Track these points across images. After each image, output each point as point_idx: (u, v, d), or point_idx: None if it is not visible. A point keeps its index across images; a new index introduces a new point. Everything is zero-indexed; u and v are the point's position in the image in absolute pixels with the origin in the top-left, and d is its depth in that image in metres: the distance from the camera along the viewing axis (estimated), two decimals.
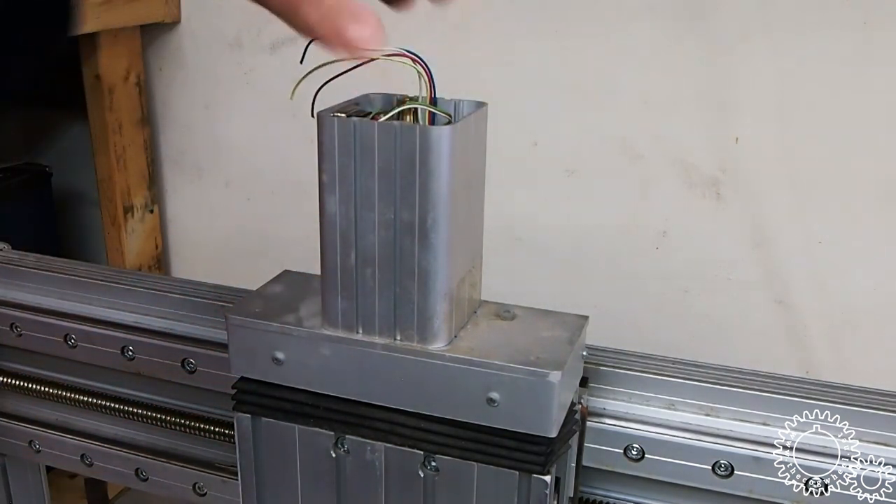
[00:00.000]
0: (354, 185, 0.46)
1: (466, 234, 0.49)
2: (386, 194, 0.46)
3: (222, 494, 0.74)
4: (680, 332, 1.07)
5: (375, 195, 0.46)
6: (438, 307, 0.47)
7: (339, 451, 0.53)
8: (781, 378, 0.57)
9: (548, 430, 0.48)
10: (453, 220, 0.46)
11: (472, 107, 0.49)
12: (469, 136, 0.47)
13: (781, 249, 1.01)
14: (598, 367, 0.59)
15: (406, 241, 0.46)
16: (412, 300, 0.47)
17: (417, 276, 0.47)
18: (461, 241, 0.48)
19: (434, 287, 0.47)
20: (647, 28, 0.99)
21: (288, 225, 1.24)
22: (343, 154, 0.46)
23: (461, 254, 0.48)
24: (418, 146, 0.44)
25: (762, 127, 0.98)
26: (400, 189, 0.46)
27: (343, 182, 0.47)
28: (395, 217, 0.46)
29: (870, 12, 0.90)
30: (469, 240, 0.50)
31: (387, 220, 0.46)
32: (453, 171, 0.45)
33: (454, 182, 0.45)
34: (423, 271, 0.47)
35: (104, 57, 1.18)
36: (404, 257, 0.47)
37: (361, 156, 0.46)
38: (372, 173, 0.46)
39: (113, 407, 0.75)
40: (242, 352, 0.53)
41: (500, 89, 1.06)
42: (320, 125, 0.46)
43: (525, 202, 1.10)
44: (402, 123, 0.46)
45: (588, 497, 0.61)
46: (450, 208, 0.45)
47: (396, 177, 0.45)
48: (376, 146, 0.45)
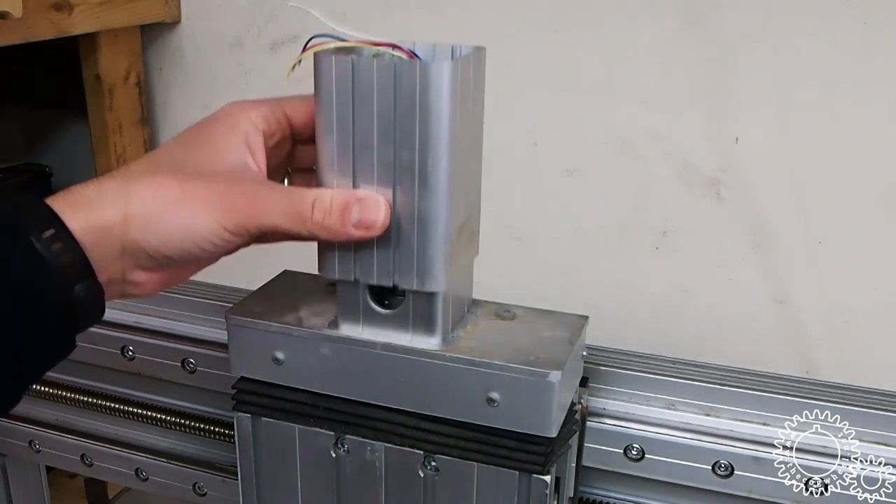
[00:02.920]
0: (352, 126, 0.45)
1: (466, 179, 0.48)
2: (384, 135, 0.45)
3: (222, 494, 0.74)
4: (680, 332, 1.07)
5: (374, 136, 0.45)
6: (438, 251, 0.46)
7: (339, 451, 0.53)
8: (781, 378, 0.57)
9: (548, 430, 0.48)
10: (453, 161, 0.45)
11: (470, 50, 0.47)
12: (469, 76, 0.46)
13: (781, 249, 1.01)
14: (598, 367, 0.59)
15: (405, 182, 0.45)
16: (411, 244, 0.46)
17: (417, 218, 0.46)
18: (461, 184, 0.47)
19: (434, 230, 0.46)
20: (647, 28, 0.99)
21: None
22: (340, 94, 0.45)
23: (461, 197, 0.47)
24: (418, 83, 0.43)
25: (762, 127, 0.98)
26: (399, 129, 0.44)
27: (341, 123, 0.45)
28: (393, 158, 0.45)
29: (870, 13, 0.90)
30: (468, 185, 0.48)
31: (386, 161, 0.45)
32: (453, 109, 0.44)
33: (454, 121, 0.44)
34: (422, 214, 0.45)
35: (104, 57, 1.18)
36: (403, 200, 0.46)
37: (359, 95, 0.45)
38: (370, 113, 0.45)
39: (113, 407, 0.75)
40: (242, 352, 0.53)
41: (499, 89, 1.06)
42: (317, 66, 0.45)
43: (525, 202, 1.10)
44: (401, 60, 0.44)
45: (588, 497, 0.61)
46: (450, 149, 0.44)
47: (395, 116, 0.44)
48: (375, 84, 0.44)
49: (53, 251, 0.40)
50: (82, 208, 0.42)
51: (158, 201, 0.43)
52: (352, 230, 0.45)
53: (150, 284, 0.46)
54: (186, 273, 0.49)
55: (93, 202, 0.42)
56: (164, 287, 0.48)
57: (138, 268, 0.45)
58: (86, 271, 0.42)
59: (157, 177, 0.44)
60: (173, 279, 0.48)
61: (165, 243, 0.43)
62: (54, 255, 0.40)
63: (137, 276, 0.45)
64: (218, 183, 0.44)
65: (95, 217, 0.42)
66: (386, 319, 0.50)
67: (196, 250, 0.44)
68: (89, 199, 0.42)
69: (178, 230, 0.43)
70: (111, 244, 0.43)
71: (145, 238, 0.43)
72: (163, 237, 0.43)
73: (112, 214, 0.42)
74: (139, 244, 0.43)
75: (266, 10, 1.19)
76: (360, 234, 0.45)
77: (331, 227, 0.45)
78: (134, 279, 0.45)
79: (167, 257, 0.44)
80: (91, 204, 0.42)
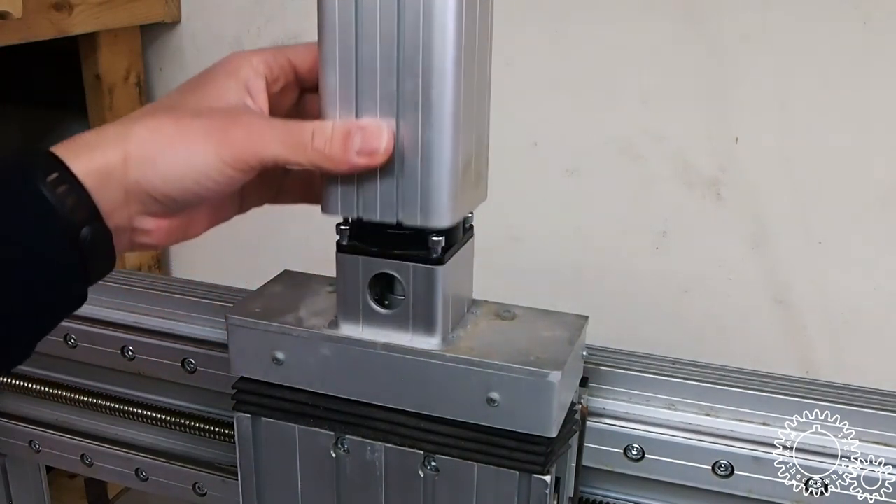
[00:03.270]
0: (355, 55, 0.44)
1: (472, 112, 0.46)
2: (388, 63, 0.44)
3: (222, 494, 0.74)
4: (680, 332, 1.07)
5: (377, 65, 0.44)
6: (443, 183, 0.45)
7: (339, 451, 0.53)
8: (781, 378, 0.57)
9: (548, 430, 0.48)
10: (458, 90, 0.43)
11: None
12: (475, 3, 0.45)
13: (781, 249, 1.01)
14: (598, 367, 0.59)
15: (409, 113, 0.44)
16: (415, 177, 0.45)
17: (421, 150, 0.44)
18: (467, 116, 0.45)
19: (438, 162, 0.44)
20: (648, 28, 0.99)
21: (288, 225, 1.24)
22: (343, 21, 0.44)
23: (466, 130, 0.46)
24: (422, 8, 0.42)
25: (762, 127, 0.98)
26: (402, 56, 0.43)
27: (343, 53, 0.44)
28: (397, 88, 0.44)
29: (870, 12, 0.90)
30: (475, 119, 0.47)
31: (389, 91, 0.44)
32: (459, 35, 0.43)
33: (459, 48, 0.43)
34: (426, 145, 0.44)
35: (104, 57, 1.18)
36: (407, 131, 0.44)
37: (363, 23, 0.44)
38: (374, 41, 0.44)
39: (113, 407, 0.75)
40: (242, 352, 0.53)
41: (499, 89, 1.06)
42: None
43: (525, 202, 1.10)
44: None
45: (588, 497, 0.61)
46: (455, 76, 0.43)
47: (399, 42, 0.43)
48: (378, 10, 0.43)
49: (58, 194, 0.40)
50: (84, 153, 0.42)
51: (156, 140, 0.43)
52: (354, 157, 0.44)
53: (159, 233, 0.46)
54: (196, 223, 0.48)
55: (94, 147, 0.42)
56: (173, 238, 0.47)
57: (145, 213, 0.44)
58: (92, 214, 0.41)
59: (154, 118, 0.44)
60: (182, 229, 0.47)
61: (165, 182, 0.43)
62: (59, 198, 0.40)
63: (145, 223, 0.45)
64: (215, 118, 0.44)
65: (97, 161, 0.42)
66: (386, 319, 0.50)
67: (198, 188, 0.43)
68: (90, 145, 0.42)
69: (177, 167, 0.43)
70: (114, 188, 0.42)
71: (146, 178, 0.42)
72: (162, 176, 0.43)
73: (113, 157, 0.42)
74: (141, 185, 0.43)
75: (266, 10, 1.19)
76: (363, 161, 0.44)
77: (332, 155, 0.44)
78: (142, 226, 0.45)
79: (169, 197, 0.43)
80: (92, 149, 0.42)
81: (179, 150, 0.43)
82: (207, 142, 0.43)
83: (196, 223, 0.48)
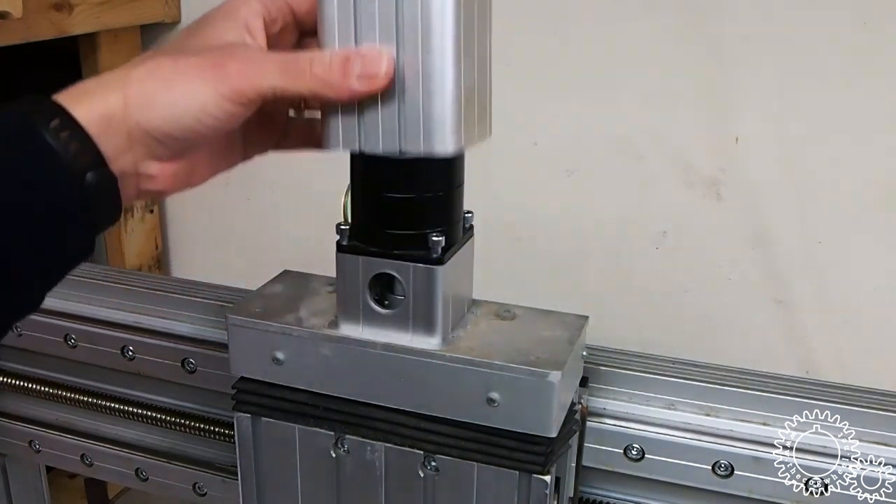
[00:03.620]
0: None
1: (473, 40, 0.46)
2: None
3: (222, 494, 0.74)
4: (680, 332, 1.07)
5: None
6: (445, 109, 0.44)
7: (339, 451, 0.53)
8: (781, 378, 0.57)
9: (548, 430, 0.48)
10: (458, 16, 0.43)
11: None
12: None
13: (781, 249, 1.01)
14: (598, 367, 0.59)
15: (409, 39, 0.44)
16: (417, 103, 0.44)
17: (422, 77, 0.44)
18: (468, 43, 0.45)
19: (440, 87, 0.44)
20: (648, 28, 0.99)
21: (288, 225, 1.24)
22: None
23: (467, 57, 0.45)
24: None
25: (762, 127, 0.98)
26: None
27: None
28: (396, 15, 0.44)
29: (870, 12, 0.90)
30: (476, 48, 0.46)
31: (388, 19, 0.44)
32: None
33: None
34: (427, 71, 0.44)
35: (104, 57, 1.18)
36: (407, 58, 0.44)
37: None
38: None
39: (113, 407, 0.75)
40: (242, 352, 0.53)
41: (499, 89, 1.06)
42: None
43: (525, 202, 1.10)
44: None
45: (588, 497, 0.61)
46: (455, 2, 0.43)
47: None
48: None
49: (62, 139, 0.40)
50: (85, 100, 0.42)
51: (154, 80, 0.43)
52: (354, 83, 0.44)
53: (164, 178, 0.46)
54: (200, 169, 0.48)
55: (94, 93, 0.43)
56: (178, 184, 0.47)
57: (149, 157, 0.44)
58: (96, 159, 0.42)
59: (153, 60, 0.44)
60: (187, 174, 0.47)
61: (165, 121, 0.43)
62: (63, 143, 0.40)
63: (150, 168, 0.45)
64: (212, 54, 0.44)
65: (98, 107, 0.42)
66: (386, 319, 0.50)
67: (198, 125, 0.43)
68: (91, 91, 0.43)
69: (176, 105, 0.43)
70: (117, 132, 0.42)
71: (146, 118, 0.43)
72: (162, 115, 0.43)
73: (113, 101, 0.42)
74: (142, 127, 0.43)
75: None
76: (363, 87, 0.44)
77: (332, 81, 0.44)
78: (147, 171, 0.45)
79: (171, 137, 0.43)
80: (93, 95, 0.42)
81: (177, 88, 0.43)
82: (204, 77, 0.43)
83: (200, 169, 0.48)
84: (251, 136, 0.51)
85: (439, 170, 0.48)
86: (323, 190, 0.73)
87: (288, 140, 0.53)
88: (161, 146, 0.44)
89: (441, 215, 0.49)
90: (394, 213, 0.48)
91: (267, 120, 0.50)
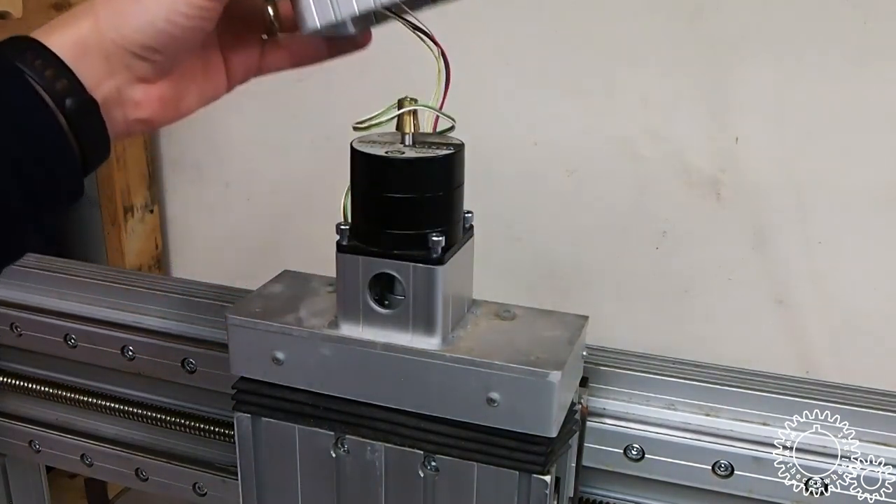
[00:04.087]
0: None
1: None
2: None
3: (222, 494, 0.74)
4: (680, 332, 1.07)
5: None
6: None
7: (339, 451, 0.53)
8: (781, 378, 0.57)
9: (548, 430, 0.48)
10: None
11: None
12: None
13: (781, 249, 1.01)
14: (598, 367, 0.59)
15: None
16: None
17: None
18: None
19: None
20: (648, 28, 0.99)
21: (288, 225, 1.24)
22: None
23: None
24: None
25: (762, 127, 0.98)
26: None
27: None
28: None
29: (870, 12, 0.90)
30: None
31: None
32: None
33: None
34: None
35: None
36: None
37: None
38: None
39: (113, 407, 0.75)
40: (242, 352, 0.53)
41: (500, 89, 1.06)
42: None
43: (525, 202, 1.10)
44: None
45: (588, 497, 0.61)
46: None
47: None
48: None
49: (36, 67, 0.41)
50: (58, 30, 0.43)
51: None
52: None
53: (151, 103, 0.46)
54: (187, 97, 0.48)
55: (65, 23, 0.43)
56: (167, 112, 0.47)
57: (132, 80, 0.44)
58: (74, 86, 0.42)
59: None
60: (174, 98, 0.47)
61: (138, 30, 0.43)
62: (38, 71, 0.41)
63: (135, 93, 0.45)
64: None
65: (70, 34, 0.43)
66: (386, 319, 0.50)
67: (172, 28, 0.43)
68: (62, 21, 0.43)
69: (147, 10, 0.43)
70: (94, 56, 0.43)
71: (120, 34, 0.43)
72: (134, 24, 0.43)
73: (85, 26, 0.43)
74: (118, 44, 0.43)
75: None
76: None
77: None
78: (132, 97, 0.45)
79: (147, 48, 0.43)
80: (64, 24, 0.43)
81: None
82: None
83: (187, 96, 0.48)
84: (231, 57, 0.50)
85: (439, 169, 0.48)
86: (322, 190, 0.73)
87: (268, 61, 0.52)
88: (140, 62, 0.44)
89: (441, 215, 0.49)
90: (394, 213, 0.48)
91: (244, 38, 0.50)
